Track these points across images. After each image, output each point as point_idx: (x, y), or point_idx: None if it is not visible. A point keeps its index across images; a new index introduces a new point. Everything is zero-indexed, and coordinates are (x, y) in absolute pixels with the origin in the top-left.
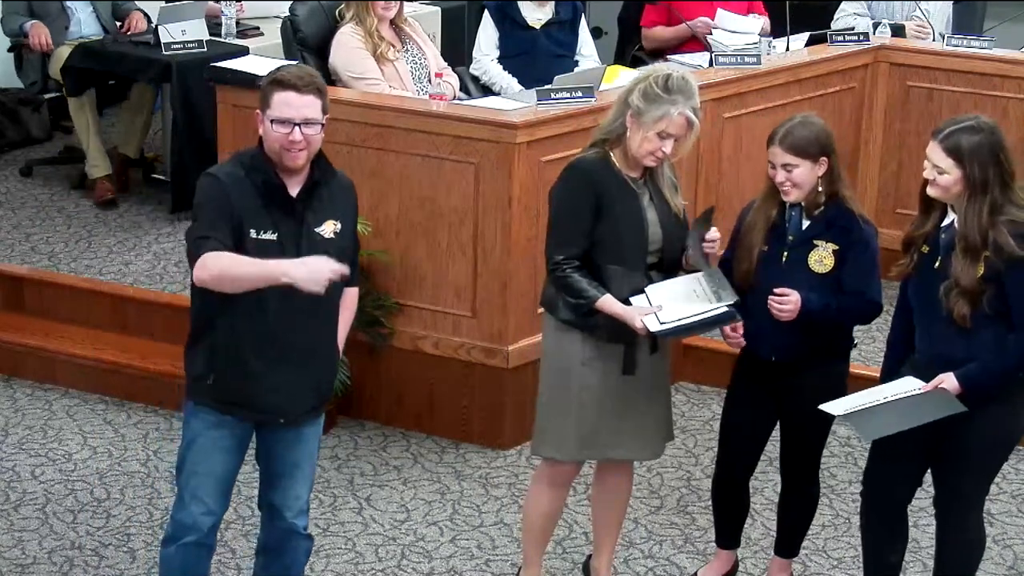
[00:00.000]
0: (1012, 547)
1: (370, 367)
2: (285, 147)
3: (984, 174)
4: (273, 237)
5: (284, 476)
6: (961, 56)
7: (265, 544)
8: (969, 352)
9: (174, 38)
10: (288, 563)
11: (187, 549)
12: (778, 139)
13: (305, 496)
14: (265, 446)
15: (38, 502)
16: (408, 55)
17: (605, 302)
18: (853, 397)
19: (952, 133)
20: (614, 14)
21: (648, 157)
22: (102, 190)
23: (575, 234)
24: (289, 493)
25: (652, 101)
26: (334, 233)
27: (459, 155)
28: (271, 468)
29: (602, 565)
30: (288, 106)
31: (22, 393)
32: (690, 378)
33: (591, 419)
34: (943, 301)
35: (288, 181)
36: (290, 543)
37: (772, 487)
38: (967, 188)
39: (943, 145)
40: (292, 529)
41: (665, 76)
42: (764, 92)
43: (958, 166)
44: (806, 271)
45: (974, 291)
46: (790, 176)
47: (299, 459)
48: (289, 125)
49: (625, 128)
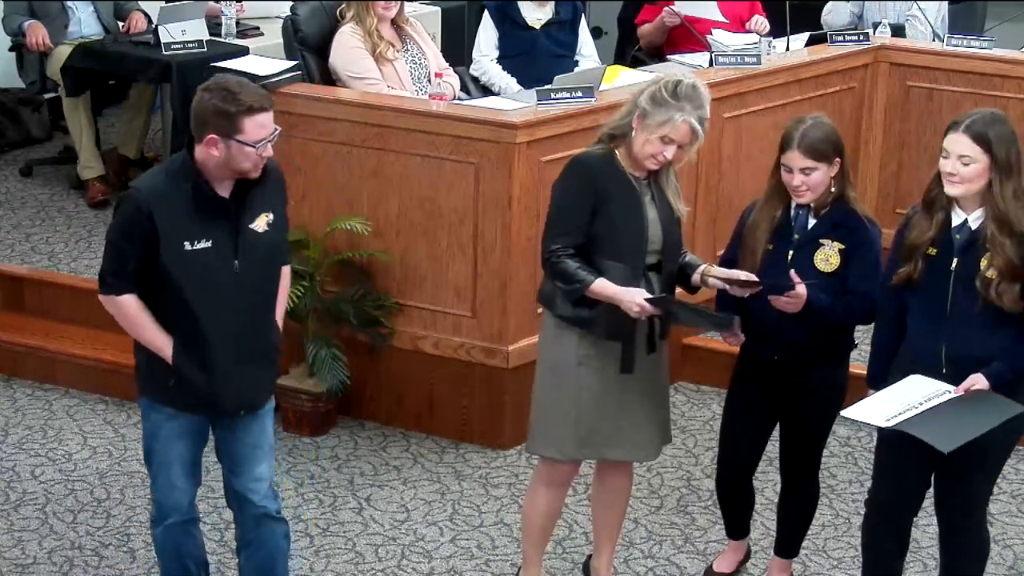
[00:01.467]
0: (1012, 547)
1: (370, 367)
2: (256, 164)
3: (1010, 158)
4: (208, 245)
5: (245, 459)
6: (961, 56)
7: (243, 537)
8: (989, 350)
9: (174, 38)
10: (270, 550)
11: (173, 529)
12: (795, 143)
13: (268, 476)
14: (222, 433)
15: (38, 502)
16: (408, 55)
17: (599, 285)
18: (877, 403)
19: (975, 121)
20: (614, 14)
21: (649, 159)
22: (94, 191)
23: (572, 226)
24: (252, 475)
25: (659, 105)
26: (268, 225)
27: (459, 155)
28: (231, 453)
29: (602, 565)
30: (263, 128)
31: (22, 393)
32: (690, 378)
33: (588, 418)
34: (979, 296)
35: (218, 185)
36: (265, 528)
37: (772, 487)
38: (997, 173)
39: (969, 133)
40: (264, 513)
41: (676, 82)
42: (764, 92)
43: (986, 153)
44: (811, 270)
45: (1017, 272)
46: (807, 179)
47: (257, 439)
48: (264, 144)
49: (631, 128)
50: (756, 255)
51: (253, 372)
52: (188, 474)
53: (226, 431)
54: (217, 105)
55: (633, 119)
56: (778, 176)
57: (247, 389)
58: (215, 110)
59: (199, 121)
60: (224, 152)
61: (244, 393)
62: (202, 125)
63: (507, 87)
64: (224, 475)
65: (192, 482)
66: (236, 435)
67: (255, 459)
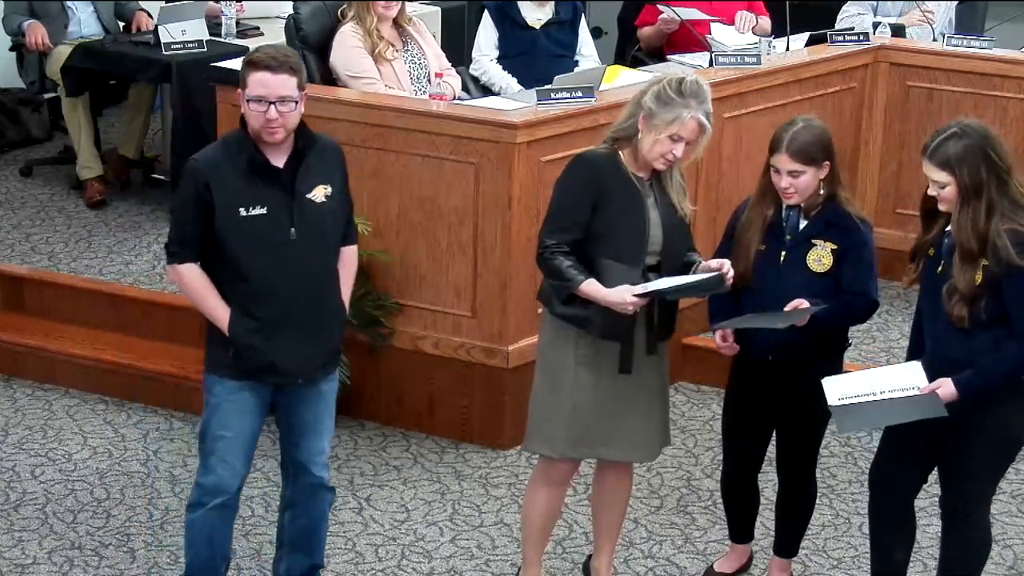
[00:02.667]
0: (1012, 547)
1: (370, 367)
2: (263, 125)
3: (976, 177)
4: (263, 212)
5: (307, 432)
6: (961, 56)
7: (292, 500)
8: (968, 354)
9: (174, 38)
10: (316, 515)
11: (214, 513)
12: (784, 146)
13: (327, 450)
14: (285, 406)
15: (38, 502)
16: (408, 55)
17: (588, 286)
18: (853, 380)
19: (938, 146)
20: (614, 14)
21: (659, 160)
22: (92, 191)
23: (570, 223)
24: (313, 448)
25: (665, 104)
26: (325, 197)
27: (459, 155)
28: (293, 426)
29: (602, 565)
30: (263, 85)
31: (22, 393)
32: (690, 378)
33: (583, 417)
34: (944, 303)
35: (272, 155)
36: (317, 496)
37: (772, 487)
38: (959, 194)
39: (933, 161)
40: (319, 483)
41: (679, 80)
42: (764, 92)
43: (952, 176)
44: (804, 270)
45: (971, 295)
46: (795, 182)
47: (320, 413)
48: (264, 103)
49: (637, 129)
50: (749, 255)
51: (311, 341)
52: (244, 454)
53: (289, 403)
54: (242, 62)
55: (638, 121)
56: (769, 176)
57: (305, 357)
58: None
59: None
60: (245, 111)
61: (302, 361)
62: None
63: (507, 87)
64: (283, 444)
65: (245, 463)
66: (299, 409)
67: (317, 433)
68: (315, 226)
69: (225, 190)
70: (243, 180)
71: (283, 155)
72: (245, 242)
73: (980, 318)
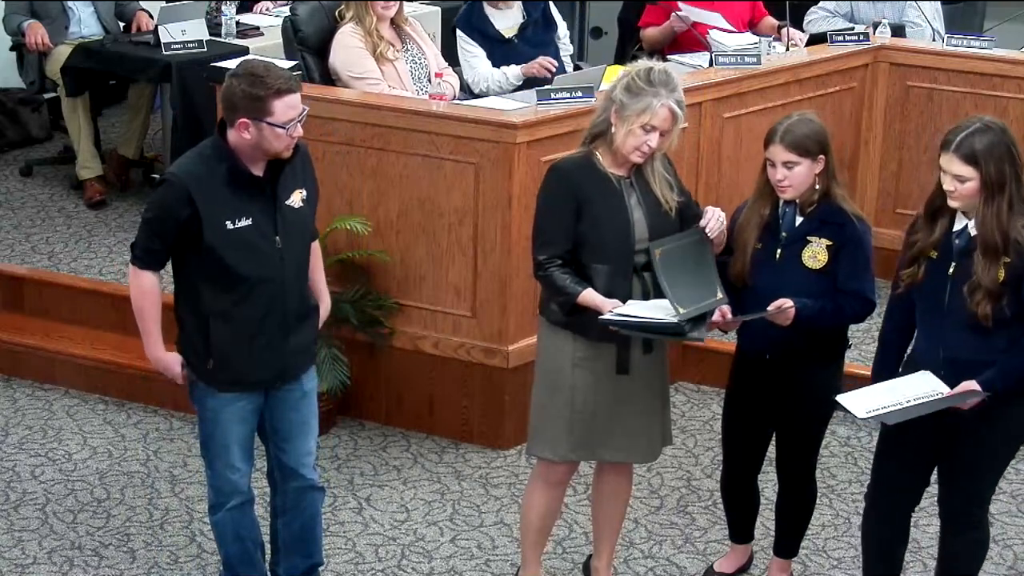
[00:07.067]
0: (1012, 547)
1: (370, 367)
2: (288, 145)
3: (1000, 173)
4: (248, 223)
5: (295, 434)
6: (961, 56)
7: (283, 506)
8: (981, 354)
9: (174, 38)
10: (309, 517)
11: (235, 511)
12: (778, 137)
13: (314, 451)
14: (271, 411)
15: (38, 502)
16: (408, 55)
17: (587, 295)
18: (871, 394)
19: (964, 139)
20: (614, 14)
21: (634, 152)
22: (92, 191)
23: (556, 234)
24: (302, 449)
25: (635, 94)
26: (302, 201)
27: (459, 155)
28: (279, 430)
29: (602, 565)
30: (292, 108)
31: (22, 393)
32: (690, 378)
33: (583, 420)
34: (966, 303)
35: (252, 166)
36: (308, 498)
37: (772, 487)
38: (984, 190)
39: (959, 154)
40: (310, 485)
41: (647, 69)
42: (764, 92)
43: (976, 170)
44: (800, 267)
45: (996, 292)
46: (789, 174)
47: (306, 414)
48: (294, 124)
49: (610, 124)
50: (746, 254)
51: (295, 339)
52: (246, 455)
53: (276, 409)
54: (246, 90)
55: (610, 114)
56: (766, 175)
57: (287, 359)
58: (244, 95)
59: (229, 106)
60: (256, 135)
61: (287, 362)
62: (232, 110)
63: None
64: (270, 450)
65: (249, 462)
66: (286, 414)
67: (304, 435)
68: (297, 231)
69: (209, 203)
70: (225, 192)
71: (261, 165)
72: (235, 253)
73: (1002, 315)
